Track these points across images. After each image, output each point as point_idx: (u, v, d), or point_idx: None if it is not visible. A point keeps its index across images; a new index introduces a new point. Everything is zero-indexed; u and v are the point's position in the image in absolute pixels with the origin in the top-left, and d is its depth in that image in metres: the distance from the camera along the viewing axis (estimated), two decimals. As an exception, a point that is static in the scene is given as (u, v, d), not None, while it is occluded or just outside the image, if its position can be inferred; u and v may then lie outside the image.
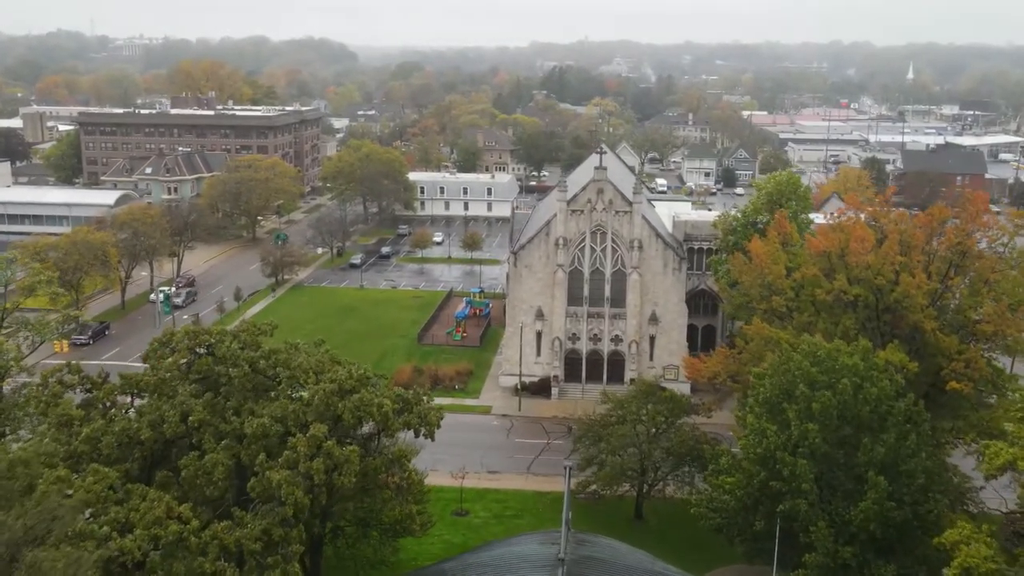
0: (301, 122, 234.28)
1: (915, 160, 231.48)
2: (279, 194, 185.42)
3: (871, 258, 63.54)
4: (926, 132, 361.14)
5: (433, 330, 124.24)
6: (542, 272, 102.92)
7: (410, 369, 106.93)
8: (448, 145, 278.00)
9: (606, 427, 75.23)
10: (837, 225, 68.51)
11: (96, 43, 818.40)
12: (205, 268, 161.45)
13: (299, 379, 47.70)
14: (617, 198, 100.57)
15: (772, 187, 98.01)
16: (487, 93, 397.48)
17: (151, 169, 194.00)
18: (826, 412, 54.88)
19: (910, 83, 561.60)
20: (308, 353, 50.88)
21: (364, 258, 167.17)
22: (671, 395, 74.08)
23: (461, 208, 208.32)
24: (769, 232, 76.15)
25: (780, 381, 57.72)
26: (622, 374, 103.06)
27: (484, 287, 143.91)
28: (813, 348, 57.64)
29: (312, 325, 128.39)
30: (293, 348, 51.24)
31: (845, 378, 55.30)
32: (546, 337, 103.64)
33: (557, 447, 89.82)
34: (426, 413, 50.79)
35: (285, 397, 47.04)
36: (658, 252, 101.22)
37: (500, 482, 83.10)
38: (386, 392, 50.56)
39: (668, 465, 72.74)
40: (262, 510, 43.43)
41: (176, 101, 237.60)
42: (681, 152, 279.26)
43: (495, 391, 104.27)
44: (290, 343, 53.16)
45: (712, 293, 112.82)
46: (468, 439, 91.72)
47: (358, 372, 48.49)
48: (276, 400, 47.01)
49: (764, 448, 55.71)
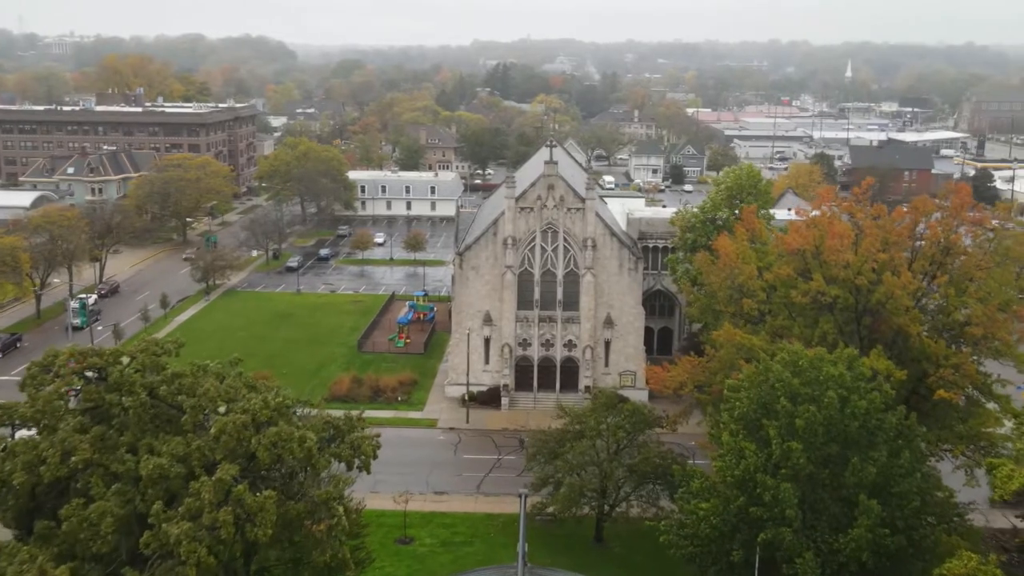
0: (235, 119, 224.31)
1: (863, 156, 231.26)
2: (211, 194, 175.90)
3: (850, 256, 58.07)
4: (869, 129, 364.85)
5: (374, 337, 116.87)
6: (490, 274, 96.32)
7: (349, 380, 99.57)
8: (390, 143, 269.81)
9: (562, 443, 68.90)
10: (811, 221, 62.94)
11: (24, 41, 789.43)
12: (131, 273, 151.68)
13: (206, 409, 39.97)
14: (569, 194, 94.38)
15: (731, 182, 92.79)
16: (430, 91, 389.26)
17: (73, 169, 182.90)
18: (811, 429, 49.19)
19: (849, 81, 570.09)
20: (220, 376, 43.21)
21: (302, 261, 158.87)
22: (633, 407, 67.89)
23: (403, 208, 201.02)
24: (737, 229, 70.40)
25: (758, 394, 51.91)
26: (576, 382, 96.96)
27: (428, 290, 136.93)
28: (794, 357, 51.91)
29: (244, 333, 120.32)
30: (201, 371, 43.44)
31: (831, 390, 49.65)
32: (495, 343, 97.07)
33: (509, 463, 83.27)
34: (359, 442, 43.57)
35: (189, 431, 39.41)
36: (613, 252, 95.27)
37: (448, 504, 76.24)
38: (312, 420, 43.15)
39: (631, 484, 66.62)
40: (159, 570, 36.07)
41: (102, 98, 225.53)
42: (628, 149, 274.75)
43: (441, 402, 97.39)
44: (198, 364, 45.23)
45: (669, 294, 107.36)
46: (412, 456, 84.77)
47: (276, 400, 40.82)
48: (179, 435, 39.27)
49: (742, 470, 49.84)
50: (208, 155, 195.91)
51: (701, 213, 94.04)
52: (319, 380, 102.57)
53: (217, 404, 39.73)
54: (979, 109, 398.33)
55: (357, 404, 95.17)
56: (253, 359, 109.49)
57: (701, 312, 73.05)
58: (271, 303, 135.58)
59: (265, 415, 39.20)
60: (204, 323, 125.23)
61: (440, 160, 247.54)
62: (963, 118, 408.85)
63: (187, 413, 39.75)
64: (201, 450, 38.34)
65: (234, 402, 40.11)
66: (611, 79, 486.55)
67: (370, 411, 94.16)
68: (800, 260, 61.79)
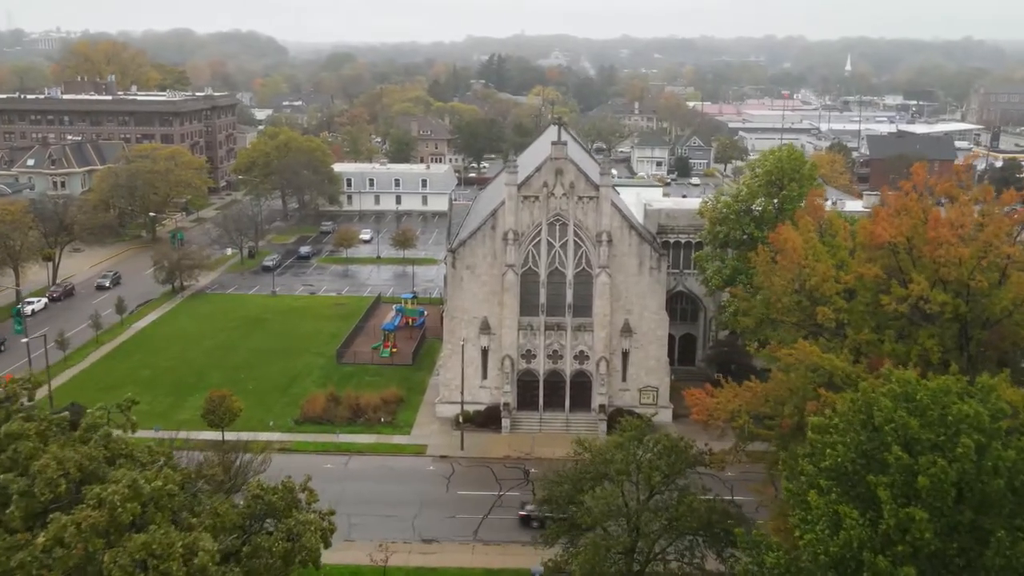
0: (213, 108, 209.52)
1: (881, 146, 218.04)
2: (183, 188, 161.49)
3: (964, 251, 44.37)
4: (878, 121, 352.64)
5: (356, 345, 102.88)
6: (487, 274, 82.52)
7: (325, 397, 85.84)
8: (380, 136, 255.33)
9: (580, 485, 55.11)
10: (903, 205, 49.16)
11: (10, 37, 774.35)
12: (92, 273, 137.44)
13: (41, 498, 25.76)
14: (580, 181, 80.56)
15: (770, 165, 79.03)
16: (422, 83, 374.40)
17: (33, 161, 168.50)
18: (939, 489, 35.43)
19: (849, 75, 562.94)
20: (84, 437, 28.99)
21: (279, 259, 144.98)
22: (670, 442, 54.07)
23: (393, 202, 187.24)
24: (801, 218, 56.43)
25: (857, 439, 38.17)
26: (589, 399, 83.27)
27: (418, 291, 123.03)
28: (907, 388, 38.12)
29: (209, 341, 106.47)
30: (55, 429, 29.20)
31: (964, 435, 35.94)
32: (494, 355, 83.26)
33: (511, 501, 69.52)
34: (300, 531, 29.62)
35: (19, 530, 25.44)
36: (632, 247, 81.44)
37: (438, 557, 62.40)
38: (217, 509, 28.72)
39: (667, 538, 52.91)
40: None
41: (70, 86, 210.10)
42: (630, 141, 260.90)
43: (431, 424, 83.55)
44: (47, 418, 30.86)
45: (693, 296, 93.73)
46: (396, 493, 71.05)
47: (154, 483, 26.40)
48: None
49: (841, 545, 36.03)
50: (183, 146, 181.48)
51: (735, 202, 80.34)
52: (289, 398, 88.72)
53: (59, 490, 25.61)
54: (988, 101, 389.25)
55: (333, 427, 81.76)
56: (215, 372, 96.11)
57: (759, 323, 58.94)
58: (243, 306, 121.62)
59: (129, 511, 25.03)
60: (165, 330, 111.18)
61: (432, 153, 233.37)
62: (971, 111, 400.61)
63: (13, 503, 25.71)
64: (26, 568, 24.29)
65: (88, 484, 26.08)
66: (608, 72, 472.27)
67: (348, 435, 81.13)
68: (890, 257, 48.15)
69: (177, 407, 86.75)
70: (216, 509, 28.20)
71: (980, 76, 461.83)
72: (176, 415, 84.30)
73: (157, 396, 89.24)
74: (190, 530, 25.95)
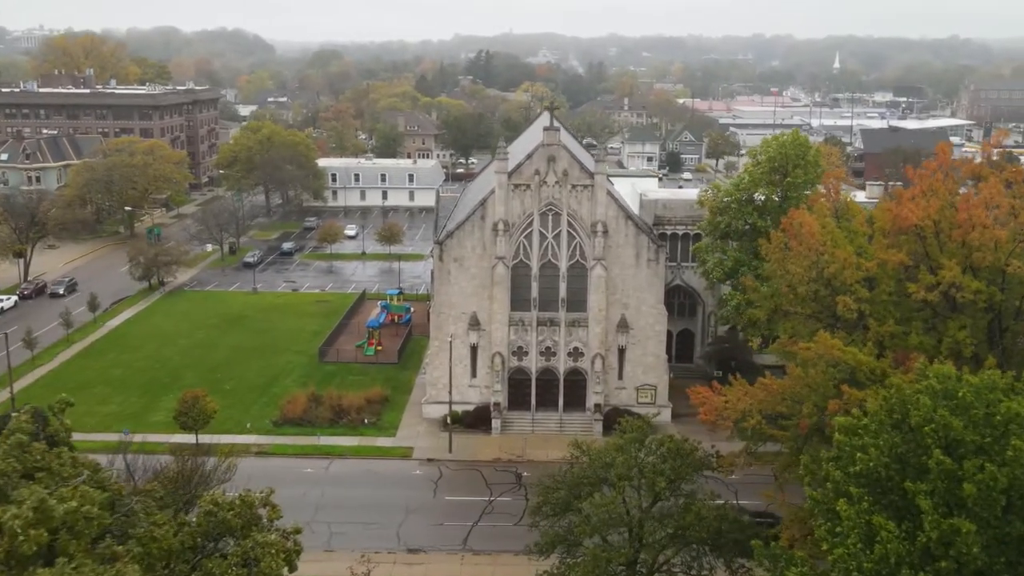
0: (194, 103, 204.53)
1: (875, 140, 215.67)
2: (162, 183, 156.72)
3: (1001, 232, 40.46)
4: (869, 116, 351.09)
5: (339, 343, 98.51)
6: (476, 267, 78.32)
7: (306, 397, 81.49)
8: (366, 132, 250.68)
9: (577, 490, 50.98)
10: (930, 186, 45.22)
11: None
12: (66, 270, 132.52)
13: None
14: (574, 168, 76.45)
15: (774, 152, 75.15)
16: (409, 80, 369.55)
17: (7, 155, 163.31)
18: (987, 497, 31.52)
19: (837, 73, 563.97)
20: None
21: (261, 256, 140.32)
22: (675, 444, 50.01)
23: (379, 197, 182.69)
24: (816, 202, 52.41)
25: (890, 441, 34.19)
26: (583, 398, 79.22)
27: (404, 288, 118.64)
28: (948, 384, 34.18)
29: (186, 340, 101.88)
30: None
31: (1015, 437, 32.03)
32: (483, 352, 79.09)
33: (503, 507, 65.46)
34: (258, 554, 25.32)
35: None
36: (628, 239, 77.39)
37: (424, 568, 58.20)
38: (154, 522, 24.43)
39: (672, 547, 48.87)
40: None
41: (46, 79, 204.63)
42: (621, 136, 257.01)
43: (418, 425, 79.29)
44: None
45: (691, 290, 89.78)
46: (380, 499, 66.82)
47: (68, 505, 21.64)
48: None
49: (877, 561, 32.09)
50: (163, 140, 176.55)
51: (736, 191, 76.40)
52: (268, 398, 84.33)
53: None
54: (978, 97, 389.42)
55: (314, 428, 77.44)
56: (192, 371, 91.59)
57: (770, 314, 54.83)
58: (222, 304, 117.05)
59: (34, 540, 20.25)
60: (140, 328, 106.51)
61: (420, 148, 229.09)
62: (961, 107, 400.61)
63: None
64: None
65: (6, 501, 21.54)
66: (597, 69, 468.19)
67: (329, 437, 76.60)
68: (915, 242, 44.23)
69: (150, 408, 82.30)
70: (152, 533, 23.86)
71: (968, 73, 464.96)
72: (149, 417, 79.98)
73: (129, 397, 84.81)
74: (113, 561, 21.59)
